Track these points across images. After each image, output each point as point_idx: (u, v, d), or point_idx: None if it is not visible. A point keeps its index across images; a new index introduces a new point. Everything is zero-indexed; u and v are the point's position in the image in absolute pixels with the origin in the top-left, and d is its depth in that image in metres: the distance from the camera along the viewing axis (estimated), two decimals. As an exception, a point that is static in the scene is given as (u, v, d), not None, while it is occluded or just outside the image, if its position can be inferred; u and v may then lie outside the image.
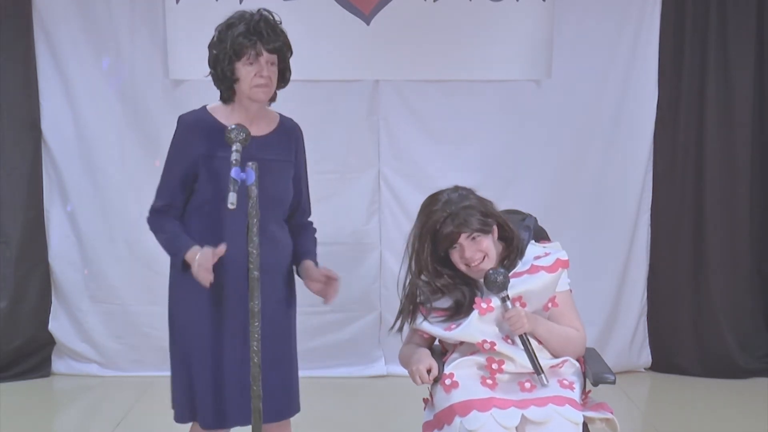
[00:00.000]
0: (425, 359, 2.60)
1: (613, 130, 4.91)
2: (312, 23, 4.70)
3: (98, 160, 4.87)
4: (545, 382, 2.52)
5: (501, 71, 4.84)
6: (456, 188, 2.73)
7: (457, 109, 4.88)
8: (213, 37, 2.68)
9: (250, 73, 2.61)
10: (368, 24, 4.78)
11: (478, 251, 2.63)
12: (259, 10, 2.65)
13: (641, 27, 4.86)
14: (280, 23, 2.68)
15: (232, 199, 2.33)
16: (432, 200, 2.72)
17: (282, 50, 2.66)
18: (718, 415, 4.38)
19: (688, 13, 4.85)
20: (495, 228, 2.70)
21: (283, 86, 2.75)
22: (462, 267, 2.66)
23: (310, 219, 2.93)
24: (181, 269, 2.67)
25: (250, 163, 2.41)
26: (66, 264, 4.93)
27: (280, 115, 2.80)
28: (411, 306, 2.71)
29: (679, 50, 4.88)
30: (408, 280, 2.72)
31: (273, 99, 2.76)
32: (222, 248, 2.54)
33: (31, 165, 4.86)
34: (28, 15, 4.76)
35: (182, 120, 2.71)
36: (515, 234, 2.73)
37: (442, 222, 2.63)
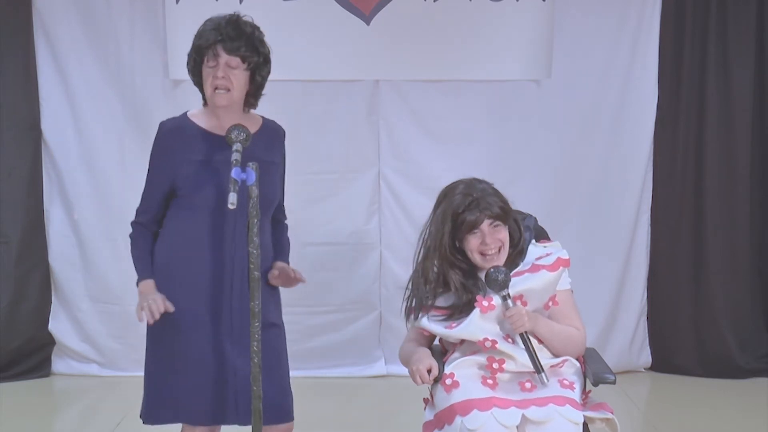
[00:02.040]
0: (425, 359, 2.60)
1: (613, 130, 4.92)
2: (312, 23, 4.70)
3: (98, 160, 4.87)
4: (545, 381, 2.52)
5: (501, 71, 4.85)
6: (476, 179, 2.73)
7: (457, 109, 4.88)
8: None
9: (209, 75, 2.59)
10: (368, 24, 4.78)
11: (497, 239, 2.64)
12: (233, 13, 2.64)
13: (641, 27, 4.86)
14: (253, 27, 2.63)
15: (232, 199, 2.33)
16: (454, 186, 2.70)
17: (246, 54, 2.60)
18: (718, 415, 4.38)
19: (688, 13, 4.85)
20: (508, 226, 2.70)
21: (258, 92, 2.69)
22: (477, 257, 2.65)
23: (286, 222, 2.88)
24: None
25: (250, 164, 2.41)
26: (66, 264, 4.93)
27: (263, 118, 2.78)
28: (424, 286, 2.69)
29: (679, 50, 4.88)
30: (421, 264, 2.70)
31: (252, 105, 2.72)
32: (171, 307, 2.59)
33: (31, 165, 4.86)
34: (28, 15, 4.77)
35: (161, 127, 2.68)
36: (522, 235, 2.73)
37: (467, 206, 2.62)
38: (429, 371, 2.57)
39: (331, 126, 4.85)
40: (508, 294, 2.57)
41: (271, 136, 2.74)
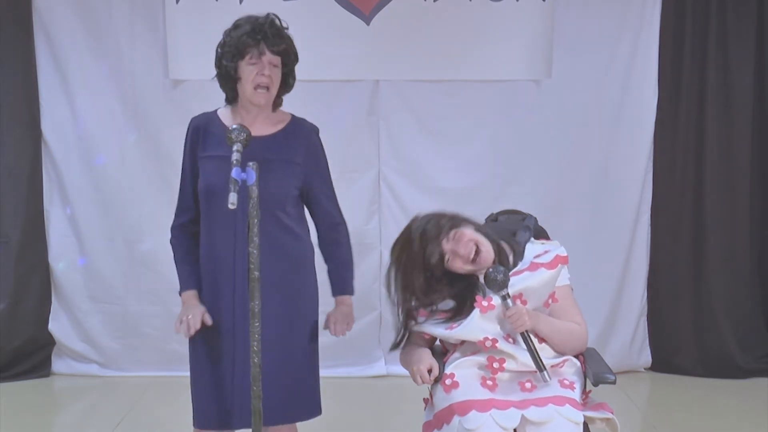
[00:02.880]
0: (426, 359, 2.61)
1: (613, 130, 4.92)
2: (312, 23, 4.70)
3: (98, 160, 4.87)
4: (548, 378, 2.52)
5: (501, 71, 4.85)
6: (406, 228, 2.75)
7: (457, 109, 4.88)
8: (221, 39, 2.70)
9: (252, 72, 2.63)
10: (368, 24, 4.78)
11: (467, 244, 2.63)
12: (268, 14, 2.68)
13: (641, 27, 4.86)
14: (287, 28, 2.70)
15: (232, 199, 2.32)
16: (400, 238, 2.74)
17: (286, 54, 2.68)
18: (718, 415, 4.38)
19: (688, 13, 4.86)
20: (468, 229, 2.69)
21: (287, 92, 2.75)
22: (468, 268, 2.65)
23: (338, 222, 2.87)
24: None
25: (250, 164, 2.40)
26: (66, 264, 4.93)
27: (293, 117, 2.79)
28: (408, 325, 2.73)
29: (679, 50, 4.88)
30: (400, 308, 2.74)
31: (279, 104, 2.76)
32: (208, 320, 2.62)
33: (31, 165, 4.87)
34: (28, 15, 4.77)
35: (189, 123, 2.75)
36: (499, 243, 2.72)
37: (423, 250, 2.64)
38: (429, 371, 2.57)
39: (331, 126, 4.80)
40: (508, 294, 2.57)
41: (296, 134, 2.74)
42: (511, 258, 2.72)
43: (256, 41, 2.61)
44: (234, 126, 2.48)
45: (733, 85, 4.89)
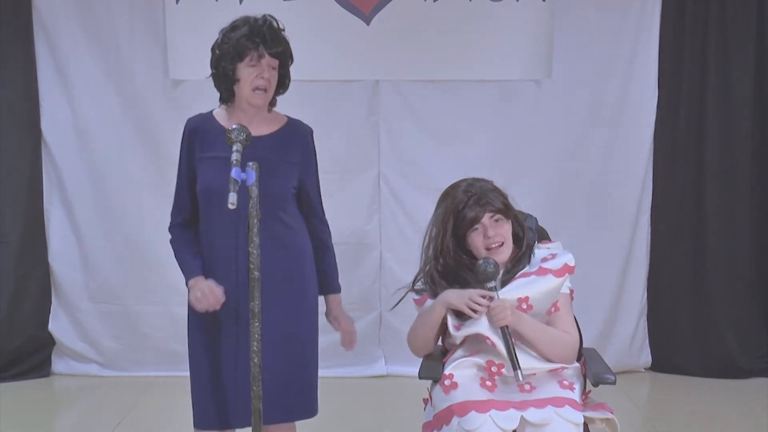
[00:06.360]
0: (458, 293, 2.60)
1: (613, 130, 4.92)
2: (312, 23, 4.70)
3: (98, 160, 4.87)
4: (520, 378, 2.51)
5: (501, 71, 4.85)
6: (477, 178, 2.78)
7: (457, 109, 4.88)
8: (217, 39, 2.71)
9: (251, 75, 2.64)
10: (368, 24, 4.78)
11: (500, 233, 2.66)
12: (264, 15, 2.69)
13: (641, 27, 4.86)
14: (284, 30, 2.70)
15: (232, 199, 2.32)
16: (454, 186, 2.76)
17: (284, 56, 2.69)
18: (718, 415, 4.38)
19: (689, 13, 4.86)
20: (511, 222, 2.72)
21: (282, 92, 2.77)
22: (482, 252, 2.67)
23: (325, 223, 2.90)
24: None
25: (250, 164, 2.41)
26: (66, 264, 4.93)
27: (288, 118, 2.81)
28: (430, 280, 2.74)
29: (679, 50, 4.88)
30: (426, 265, 2.74)
31: (273, 104, 2.77)
32: (221, 295, 2.60)
33: (31, 165, 4.87)
34: (28, 15, 4.77)
35: (186, 124, 2.75)
36: (525, 234, 2.75)
37: (466, 202, 2.67)
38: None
39: (331, 126, 4.84)
40: (495, 286, 2.59)
41: (293, 135, 2.76)
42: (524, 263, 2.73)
43: (255, 44, 2.62)
44: (234, 126, 2.49)
45: (733, 85, 4.88)
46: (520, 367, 2.52)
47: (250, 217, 2.40)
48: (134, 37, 4.80)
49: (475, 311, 2.58)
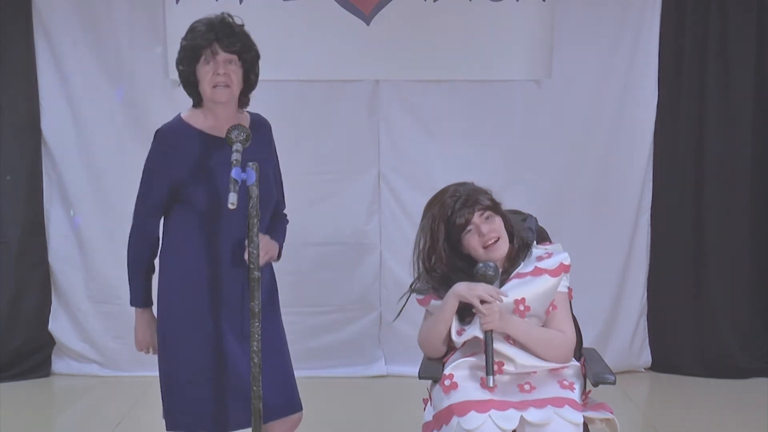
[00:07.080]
0: (471, 287, 2.59)
1: (613, 130, 4.91)
2: (312, 23, 4.70)
3: (98, 160, 4.87)
4: (491, 384, 2.51)
5: (501, 71, 4.85)
6: (460, 183, 2.79)
7: (457, 109, 4.88)
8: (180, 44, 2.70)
9: (209, 73, 2.61)
10: (368, 24, 4.78)
11: (493, 229, 2.66)
12: (222, 13, 2.68)
13: (641, 27, 4.86)
14: (242, 26, 2.68)
15: (232, 199, 2.33)
16: (438, 194, 2.78)
17: (242, 51, 2.65)
18: (718, 415, 4.39)
19: (689, 13, 4.85)
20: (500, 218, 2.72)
21: (251, 90, 2.74)
22: (480, 252, 2.66)
23: (285, 211, 2.89)
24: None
25: (250, 164, 2.41)
26: (66, 264, 4.93)
27: (249, 113, 2.79)
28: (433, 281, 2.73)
29: (679, 50, 4.88)
30: (419, 270, 2.74)
31: (245, 104, 2.75)
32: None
33: (31, 165, 4.86)
34: (28, 15, 4.77)
35: (158, 134, 2.70)
36: (514, 227, 2.74)
37: (454, 206, 2.68)
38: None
39: (331, 126, 4.84)
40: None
41: (261, 131, 2.75)
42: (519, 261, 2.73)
43: (209, 42, 2.60)
44: (233, 126, 2.48)
45: (733, 85, 4.88)
46: (493, 374, 2.51)
47: (250, 217, 2.40)
48: (134, 37, 4.79)
49: (483, 302, 2.55)
